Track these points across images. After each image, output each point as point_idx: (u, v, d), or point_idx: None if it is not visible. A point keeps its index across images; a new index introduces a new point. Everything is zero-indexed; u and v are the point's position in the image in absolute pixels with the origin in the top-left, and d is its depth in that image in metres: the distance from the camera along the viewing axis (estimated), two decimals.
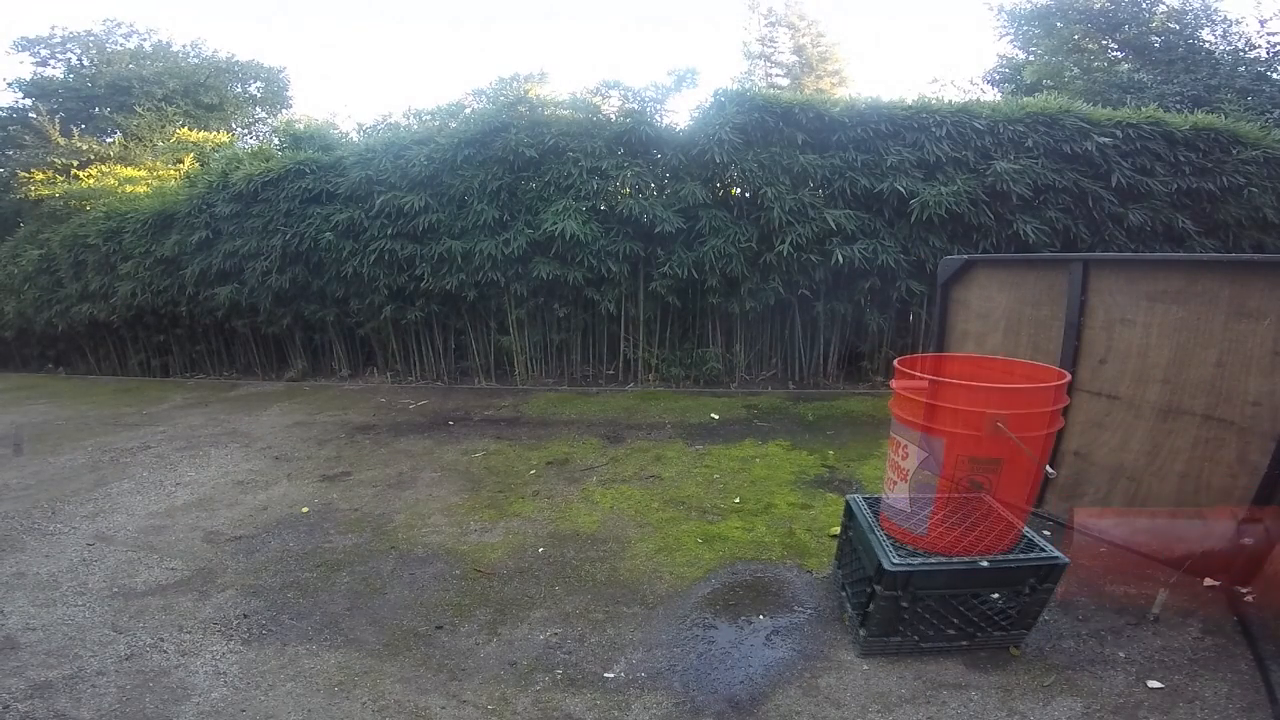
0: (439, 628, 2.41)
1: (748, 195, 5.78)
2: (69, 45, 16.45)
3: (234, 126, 16.58)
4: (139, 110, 13.77)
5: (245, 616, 2.52)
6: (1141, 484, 2.73)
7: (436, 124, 6.83)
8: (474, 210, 5.94)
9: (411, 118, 8.20)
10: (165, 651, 2.31)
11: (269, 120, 17.24)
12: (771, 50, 19.38)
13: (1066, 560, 2.05)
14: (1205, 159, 5.65)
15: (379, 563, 2.92)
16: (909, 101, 5.82)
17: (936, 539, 2.06)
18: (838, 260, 5.40)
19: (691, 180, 5.72)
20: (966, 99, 8.02)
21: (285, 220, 6.53)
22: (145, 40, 17.23)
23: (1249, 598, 2.33)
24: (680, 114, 6.09)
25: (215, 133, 11.23)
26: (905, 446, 2.09)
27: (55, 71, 16.14)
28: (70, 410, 6.71)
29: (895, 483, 2.15)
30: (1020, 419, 1.89)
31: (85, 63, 16.29)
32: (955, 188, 5.36)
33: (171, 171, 9.78)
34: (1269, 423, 2.32)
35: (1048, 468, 1.92)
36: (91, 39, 16.64)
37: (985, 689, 1.98)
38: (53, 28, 18.57)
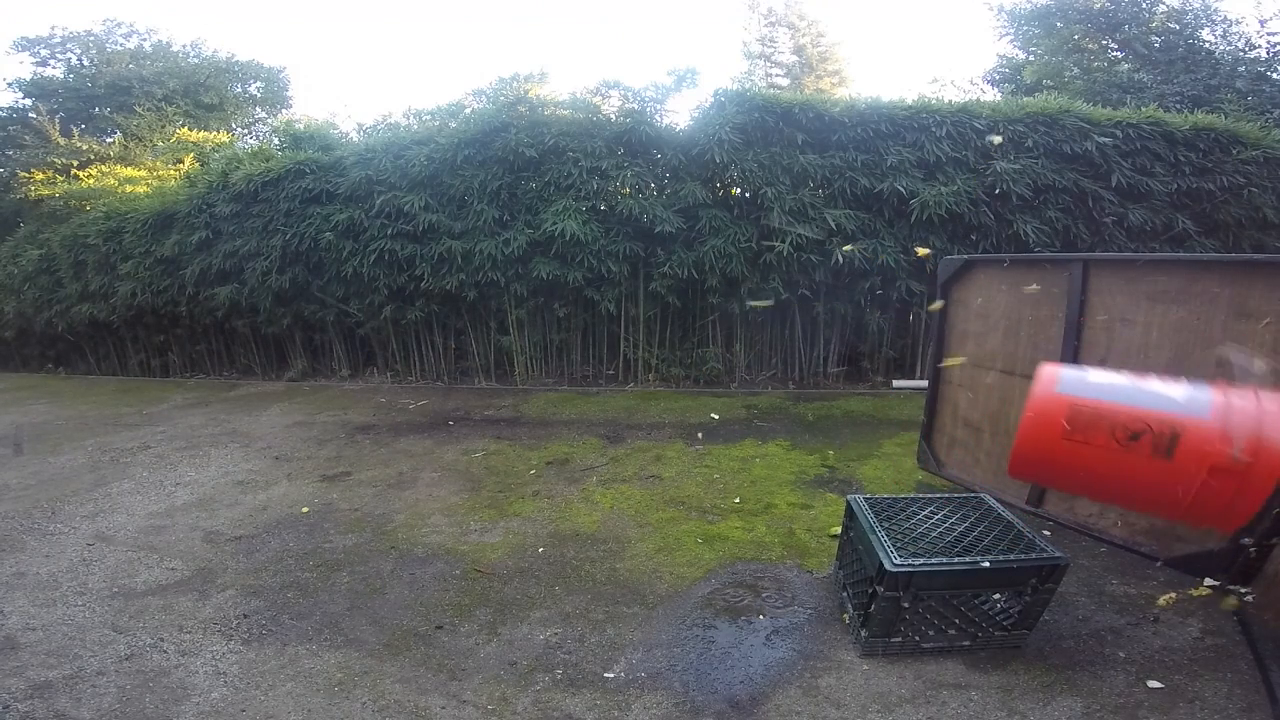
0: (439, 628, 2.41)
1: (747, 195, 5.77)
2: (69, 45, 16.44)
3: (234, 126, 16.55)
4: (139, 110, 13.75)
5: (245, 616, 2.52)
6: None
7: (436, 124, 6.83)
8: (474, 210, 5.93)
9: (411, 118, 8.21)
10: (165, 651, 2.31)
11: (269, 120, 17.20)
12: (771, 50, 19.36)
13: (1068, 560, 2.05)
14: (1205, 159, 5.65)
15: (379, 563, 2.92)
16: (909, 101, 5.81)
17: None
18: (838, 260, 5.40)
19: (691, 180, 5.72)
20: (966, 99, 8.02)
21: (285, 220, 6.53)
22: (145, 40, 17.22)
23: (1249, 598, 2.33)
24: (680, 114, 6.10)
25: (215, 133, 11.20)
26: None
27: (55, 71, 16.13)
28: (70, 410, 6.71)
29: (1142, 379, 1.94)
30: None
31: (85, 63, 16.27)
32: (955, 188, 5.36)
33: (171, 171, 9.77)
34: None
35: None
36: (91, 39, 16.63)
37: (985, 689, 1.98)
38: (53, 28, 18.55)
